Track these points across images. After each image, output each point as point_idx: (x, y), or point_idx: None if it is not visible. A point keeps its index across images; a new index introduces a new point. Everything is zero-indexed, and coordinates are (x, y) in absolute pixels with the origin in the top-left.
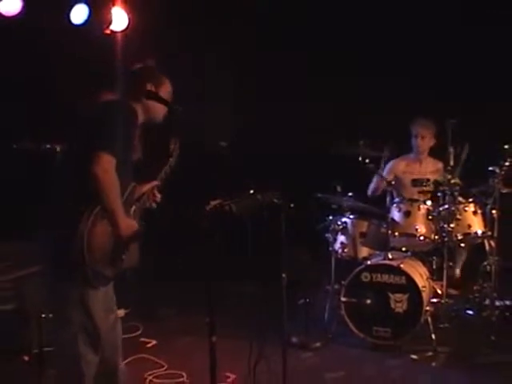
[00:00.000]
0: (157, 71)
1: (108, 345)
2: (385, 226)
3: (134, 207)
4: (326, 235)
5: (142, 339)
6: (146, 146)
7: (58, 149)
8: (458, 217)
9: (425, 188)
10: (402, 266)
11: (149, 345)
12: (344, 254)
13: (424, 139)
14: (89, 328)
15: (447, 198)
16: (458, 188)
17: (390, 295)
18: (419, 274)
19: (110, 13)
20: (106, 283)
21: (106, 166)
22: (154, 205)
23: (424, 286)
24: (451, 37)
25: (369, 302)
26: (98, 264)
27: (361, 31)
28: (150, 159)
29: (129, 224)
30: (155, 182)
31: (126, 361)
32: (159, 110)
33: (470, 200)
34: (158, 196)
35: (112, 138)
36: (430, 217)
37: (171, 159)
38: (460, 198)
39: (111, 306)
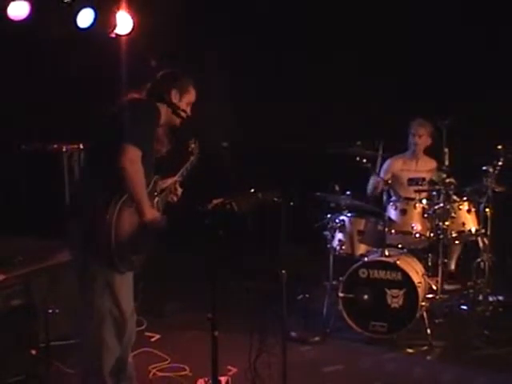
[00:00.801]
0: (185, 78)
1: (127, 333)
2: (381, 223)
3: (156, 199)
4: (325, 233)
5: (147, 333)
6: (171, 144)
7: (64, 148)
8: (453, 215)
9: (420, 187)
10: (398, 262)
11: (153, 339)
12: (342, 251)
13: (421, 138)
14: (115, 314)
15: (442, 196)
16: (452, 187)
17: (387, 291)
18: (415, 270)
19: (115, 17)
20: (131, 269)
21: (133, 158)
22: (175, 198)
23: (420, 282)
24: (450, 37)
25: (366, 297)
26: (124, 250)
27: (361, 31)
28: (172, 156)
29: (153, 213)
30: (177, 178)
31: (131, 354)
32: (177, 115)
33: (464, 199)
34: (180, 190)
35: (137, 132)
36: (425, 215)
37: (192, 157)
38: (454, 197)
39: (132, 294)
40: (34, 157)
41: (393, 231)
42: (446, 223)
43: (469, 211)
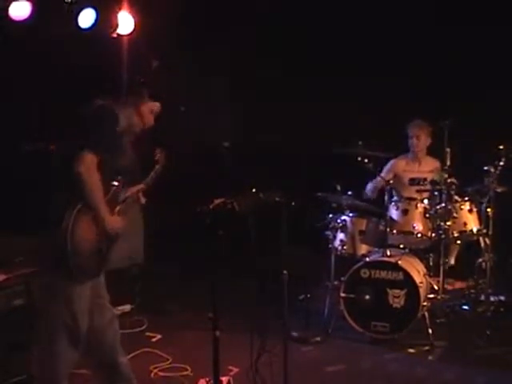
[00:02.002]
0: (144, 91)
1: (106, 342)
2: (383, 223)
3: (118, 207)
4: (326, 233)
5: (148, 333)
6: (135, 152)
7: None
8: (454, 215)
9: (422, 187)
10: (399, 262)
11: (154, 339)
12: (343, 251)
13: (419, 139)
14: (69, 324)
15: (444, 196)
16: (454, 187)
17: (388, 291)
18: (416, 270)
19: (117, 17)
20: (92, 278)
21: (89, 165)
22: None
23: (421, 282)
24: (450, 37)
25: (367, 297)
26: (81, 258)
27: (361, 32)
28: (137, 165)
29: (114, 219)
30: (141, 186)
31: (132, 354)
32: (141, 120)
33: (466, 199)
34: (143, 200)
35: (95, 139)
36: (427, 215)
37: (157, 166)
38: (456, 197)
39: (102, 302)
40: (35, 157)
41: (394, 231)
42: (448, 223)
43: (470, 211)
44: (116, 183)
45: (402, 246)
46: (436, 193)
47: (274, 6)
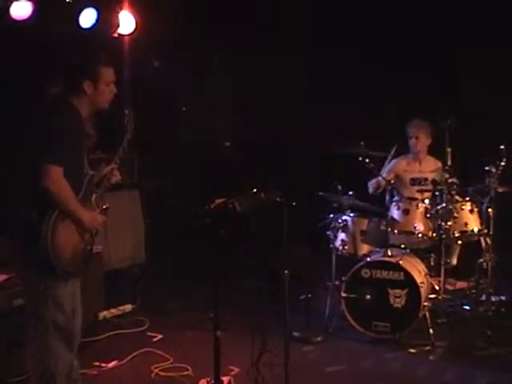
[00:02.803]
0: (92, 62)
1: (76, 338)
2: (384, 223)
3: (94, 196)
4: (327, 233)
5: (149, 333)
6: (101, 129)
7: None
8: (455, 215)
9: (423, 187)
10: (400, 262)
11: (155, 339)
12: (344, 251)
13: (419, 139)
14: (60, 322)
15: (445, 196)
16: (455, 187)
17: (389, 291)
18: (417, 270)
19: (118, 17)
20: (79, 275)
21: (54, 177)
22: (114, 181)
23: (422, 282)
24: (451, 37)
25: (368, 297)
26: (64, 260)
27: (362, 31)
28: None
29: (91, 217)
30: (112, 165)
31: (133, 354)
32: (103, 98)
33: (467, 199)
34: (118, 176)
35: (54, 148)
36: (428, 215)
37: (126, 134)
38: (457, 197)
39: (78, 302)
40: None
41: (395, 231)
42: (449, 223)
43: (471, 211)
44: (88, 172)
45: (402, 246)
46: (437, 193)
47: (273, 7)
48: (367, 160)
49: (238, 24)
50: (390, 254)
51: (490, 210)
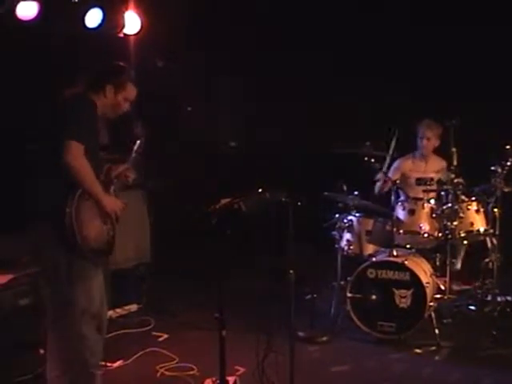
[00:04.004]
0: (123, 74)
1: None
2: (390, 223)
3: (112, 187)
4: (333, 233)
5: (154, 333)
6: (113, 131)
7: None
8: (461, 215)
9: (429, 187)
10: (406, 262)
11: (160, 338)
12: (350, 251)
13: (429, 140)
14: (90, 308)
15: (450, 196)
16: (460, 187)
17: (395, 291)
18: (423, 270)
19: (123, 17)
20: (104, 258)
21: (75, 153)
22: (129, 181)
23: (428, 282)
24: (452, 37)
25: (374, 297)
26: (89, 239)
27: (362, 32)
28: (119, 143)
29: (111, 200)
30: (126, 165)
31: (139, 354)
32: (115, 109)
33: (473, 199)
34: (132, 177)
35: (76, 127)
36: (433, 215)
37: (138, 141)
38: (463, 197)
39: (104, 292)
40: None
41: (401, 231)
42: (455, 223)
43: (477, 211)
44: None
45: (408, 246)
46: (443, 193)
47: (274, 7)
48: (372, 160)
49: (245, 24)
50: (395, 254)
51: (495, 209)
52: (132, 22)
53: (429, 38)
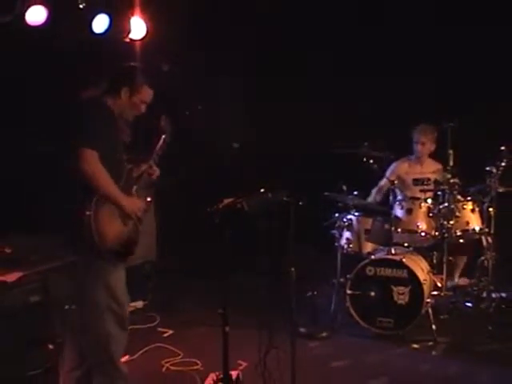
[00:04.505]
0: (139, 77)
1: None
2: (388, 222)
3: (134, 187)
4: (333, 231)
5: (159, 329)
6: (138, 128)
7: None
8: (457, 214)
9: (426, 187)
10: (404, 260)
11: (165, 334)
12: (349, 249)
13: (424, 145)
14: (113, 306)
15: (447, 196)
16: (457, 187)
17: (393, 288)
18: (420, 268)
19: (129, 22)
20: (125, 259)
21: (89, 159)
22: (154, 178)
23: (425, 280)
24: (452, 38)
25: (373, 294)
26: (111, 243)
27: (362, 32)
28: (144, 139)
29: (131, 201)
30: (150, 162)
31: (144, 349)
32: (131, 110)
33: (469, 198)
34: (157, 171)
35: (89, 133)
36: (430, 214)
37: (164, 136)
38: (459, 197)
39: (126, 290)
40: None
41: (399, 230)
42: (451, 222)
43: (473, 211)
44: (129, 165)
45: (406, 245)
46: (439, 193)
47: (274, 7)
48: (371, 161)
49: (249, 26)
50: (393, 252)
51: (490, 209)
52: (138, 28)
53: (429, 38)
